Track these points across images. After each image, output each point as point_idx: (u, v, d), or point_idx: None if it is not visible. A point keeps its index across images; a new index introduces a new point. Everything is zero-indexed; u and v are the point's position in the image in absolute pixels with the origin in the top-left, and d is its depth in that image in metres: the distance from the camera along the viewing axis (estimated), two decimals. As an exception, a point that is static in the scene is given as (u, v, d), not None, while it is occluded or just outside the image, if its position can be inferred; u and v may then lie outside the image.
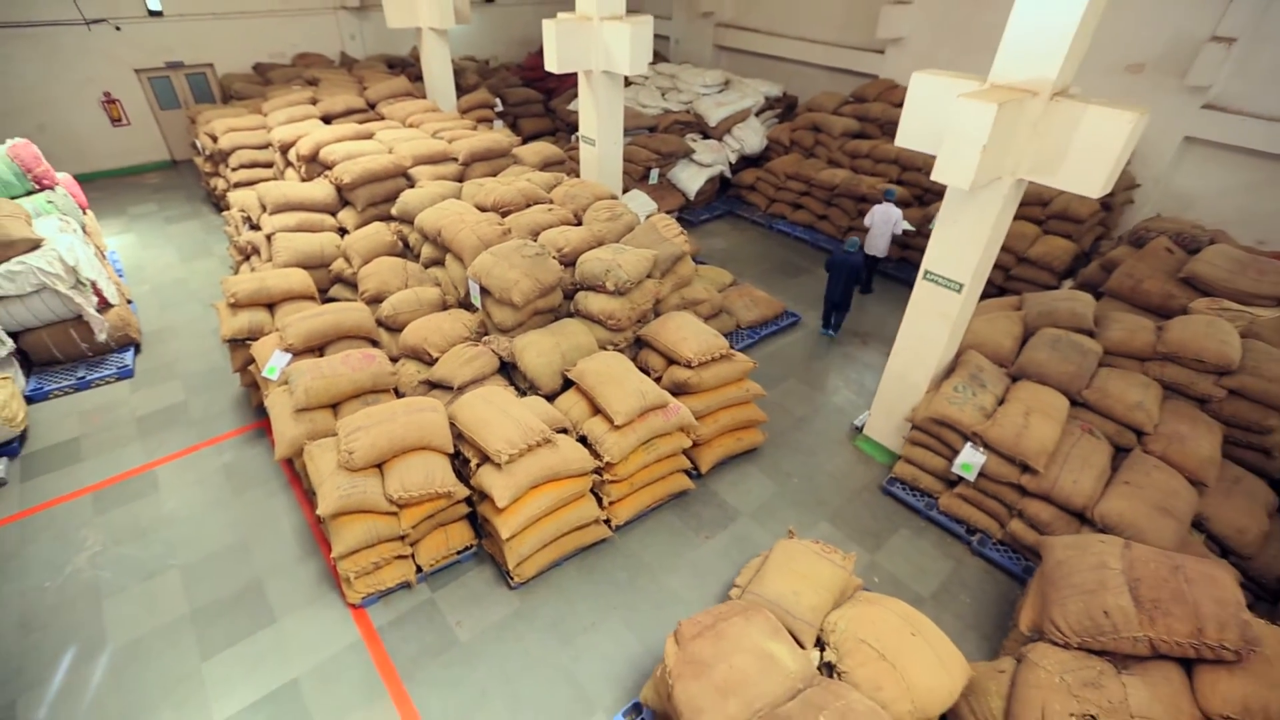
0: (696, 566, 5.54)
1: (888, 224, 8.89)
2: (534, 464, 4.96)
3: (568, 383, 6.08)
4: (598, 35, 8.05)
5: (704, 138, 12.75)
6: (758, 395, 6.46)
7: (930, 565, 5.61)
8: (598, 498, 5.64)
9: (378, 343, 6.70)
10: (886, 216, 8.86)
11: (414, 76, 13.32)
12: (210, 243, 10.63)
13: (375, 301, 7.16)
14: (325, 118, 10.35)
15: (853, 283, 8.21)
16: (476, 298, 6.66)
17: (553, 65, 8.00)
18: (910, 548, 5.76)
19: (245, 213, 8.97)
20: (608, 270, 6.37)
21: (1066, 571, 4.23)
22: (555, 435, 5.22)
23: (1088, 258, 9.43)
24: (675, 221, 7.84)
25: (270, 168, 10.19)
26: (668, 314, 6.63)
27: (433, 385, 6.20)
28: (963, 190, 4.90)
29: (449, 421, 5.30)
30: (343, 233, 8.45)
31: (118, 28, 12.03)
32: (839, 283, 8.19)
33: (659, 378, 6.32)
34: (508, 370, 6.42)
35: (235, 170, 10.03)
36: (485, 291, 6.46)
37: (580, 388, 5.81)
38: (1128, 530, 4.77)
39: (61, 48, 11.67)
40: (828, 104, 12.32)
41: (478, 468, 5.12)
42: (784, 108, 13.82)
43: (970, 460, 5.52)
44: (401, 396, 6.10)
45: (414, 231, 7.81)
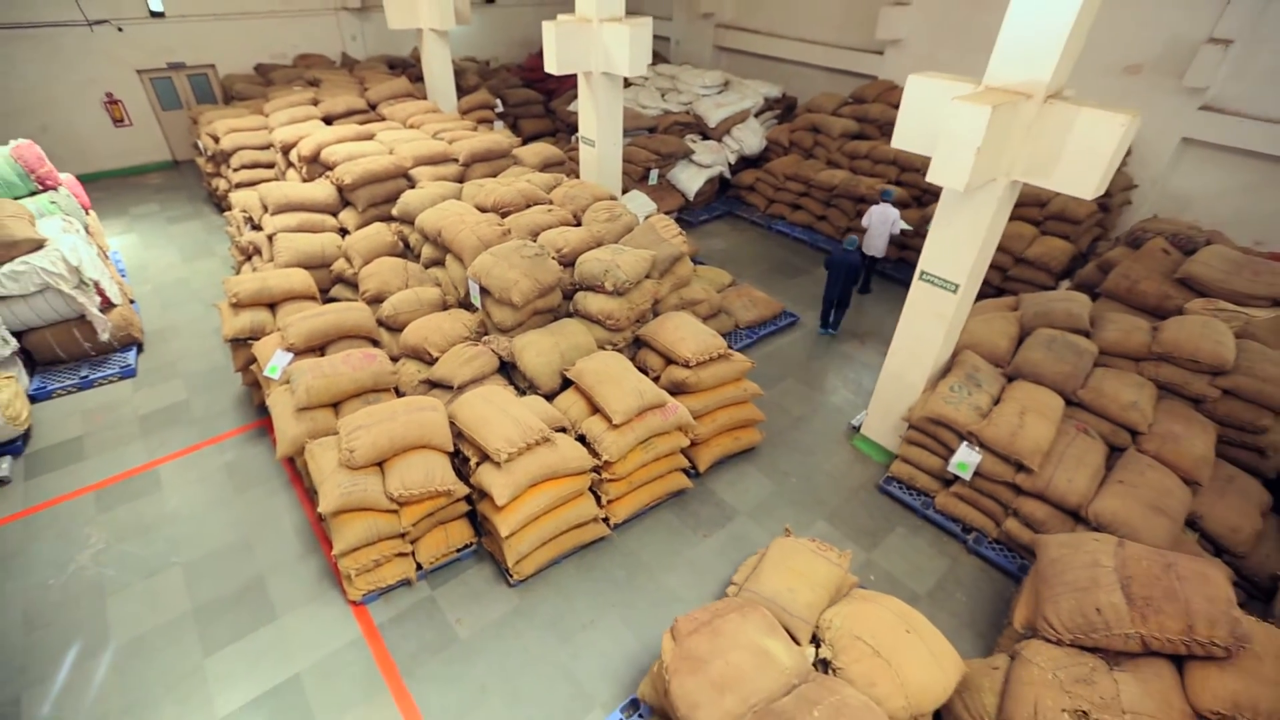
0: (694, 565, 5.58)
1: (885, 224, 8.92)
2: (533, 462, 5.01)
3: (567, 382, 6.12)
4: (597, 37, 8.08)
5: (703, 138, 12.78)
6: (755, 395, 6.50)
7: (926, 563, 5.64)
8: (596, 496, 5.68)
9: (378, 342, 6.74)
10: (884, 217, 8.90)
11: (415, 77, 13.35)
12: (212, 243, 10.68)
13: (376, 301, 7.20)
14: (326, 118, 10.39)
15: (852, 281, 8.28)
16: (476, 298, 6.70)
17: (552, 67, 8.05)
18: (907, 546, 5.80)
19: (247, 213, 9.02)
20: (606, 271, 6.42)
21: (1060, 569, 4.27)
22: (554, 434, 5.26)
23: (1085, 258, 9.46)
24: (674, 222, 7.89)
25: (272, 168, 10.22)
26: (666, 314, 6.67)
27: (433, 384, 6.24)
28: (958, 192, 4.94)
29: (449, 420, 5.34)
30: (344, 233, 8.50)
31: (120, 29, 12.07)
32: (838, 281, 8.24)
33: (657, 377, 6.36)
34: (507, 370, 6.46)
35: (237, 171, 10.07)
36: (485, 291, 6.51)
37: (579, 387, 5.86)
38: (1122, 529, 4.80)
39: (64, 48, 11.72)
40: (827, 105, 12.35)
41: (477, 466, 5.17)
42: (783, 109, 13.85)
43: (966, 459, 5.56)
44: (402, 396, 6.14)
45: (414, 232, 7.85)
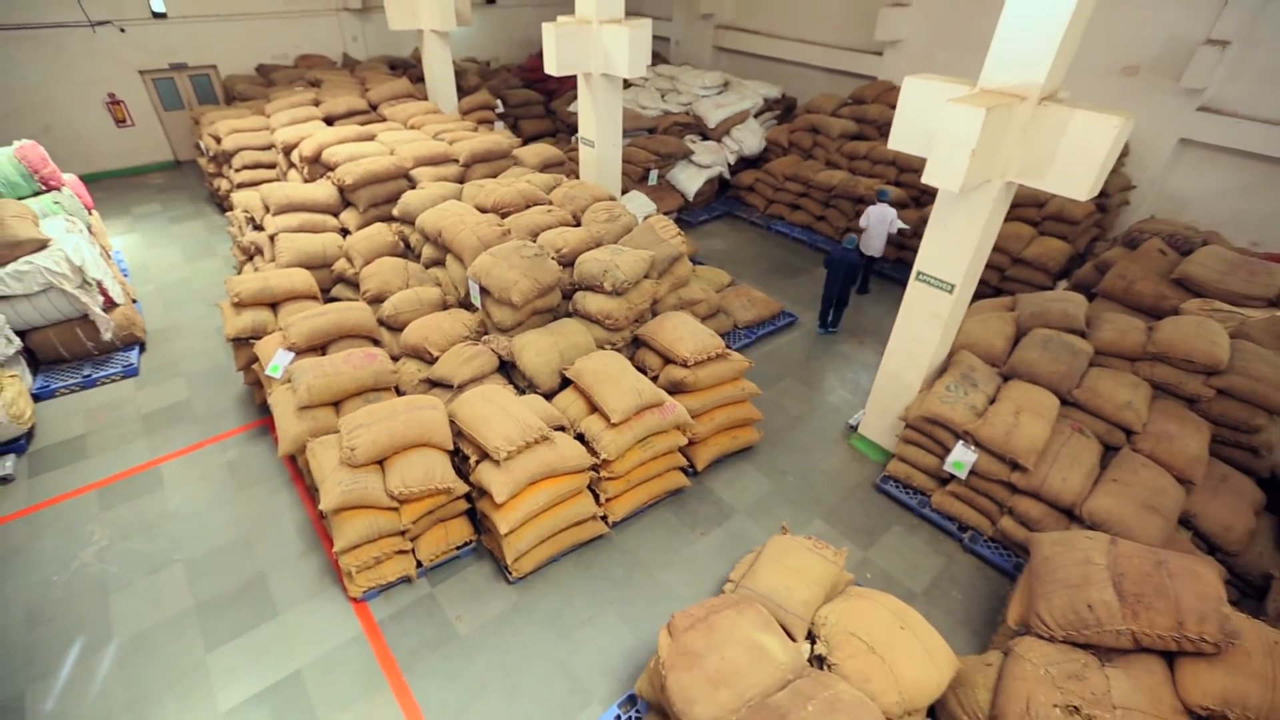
0: (692, 562, 5.62)
1: (883, 224, 8.97)
2: (532, 461, 5.05)
3: (566, 381, 6.17)
4: (597, 38, 8.12)
5: (703, 139, 12.81)
6: (753, 394, 6.54)
7: (922, 562, 5.69)
8: (595, 495, 5.72)
9: (379, 342, 6.78)
10: (882, 217, 8.94)
11: (415, 78, 13.40)
12: (214, 243, 10.74)
13: (377, 301, 7.25)
14: (328, 119, 10.43)
15: (851, 279, 8.34)
16: (476, 298, 6.75)
17: (552, 68, 8.09)
18: (903, 544, 5.84)
19: (249, 213, 9.07)
20: (605, 271, 6.46)
21: (1052, 567, 4.31)
22: (553, 433, 5.31)
23: (1083, 259, 9.49)
24: (673, 223, 7.92)
25: (273, 169, 10.27)
26: (665, 314, 6.71)
27: (433, 383, 6.29)
28: (953, 193, 4.99)
29: (449, 419, 5.39)
30: (345, 233, 8.54)
31: (122, 29, 12.13)
32: (838, 279, 8.31)
33: (656, 377, 6.40)
34: (507, 369, 6.51)
35: (239, 171, 10.11)
36: (485, 291, 6.55)
37: (578, 386, 5.90)
38: (1115, 527, 4.85)
39: (66, 49, 11.78)
40: (826, 105, 12.38)
41: (477, 464, 5.21)
42: (783, 109, 13.88)
43: (962, 458, 5.61)
44: (402, 395, 6.19)
45: (415, 232, 7.90)
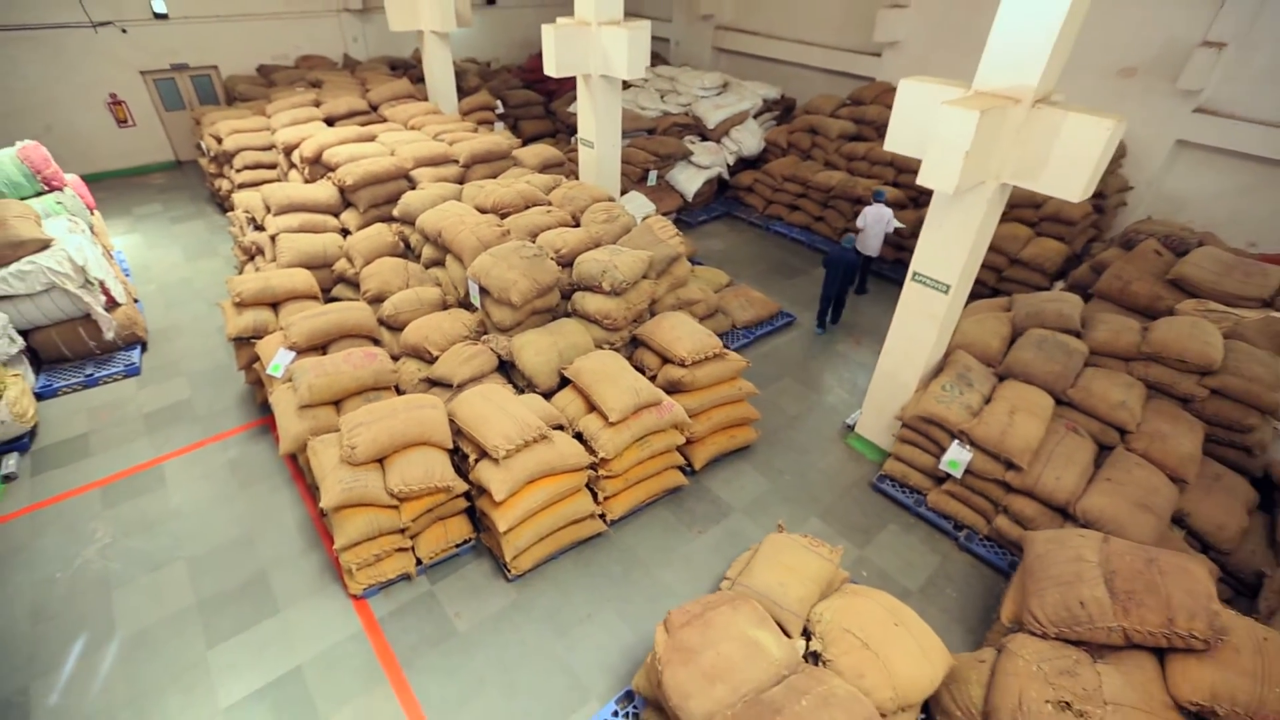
0: (689, 560, 5.67)
1: (880, 224, 9.02)
2: (531, 459, 5.09)
3: (565, 381, 6.21)
4: (596, 40, 8.16)
5: (702, 140, 12.86)
6: (751, 393, 6.58)
7: (918, 560, 5.73)
8: (593, 493, 5.77)
9: (379, 341, 6.83)
10: (879, 217, 8.99)
11: (416, 79, 13.45)
12: (215, 243, 10.79)
13: (377, 301, 7.30)
14: (328, 120, 10.47)
15: (849, 278, 8.42)
16: (476, 298, 6.80)
17: (551, 70, 8.13)
18: (899, 543, 5.89)
19: (250, 213, 9.12)
20: (604, 271, 6.51)
21: (1045, 564, 4.36)
22: (552, 431, 5.35)
23: (1079, 259, 9.53)
24: (671, 223, 7.97)
25: (274, 169, 10.31)
26: (663, 314, 6.76)
27: (433, 383, 6.34)
28: (948, 194, 5.03)
29: (448, 418, 5.44)
30: (345, 234, 8.59)
31: (123, 30, 12.18)
32: (836, 278, 8.38)
33: (654, 376, 6.44)
34: (506, 368, 6.55)
35: (240, 171, 10.16)
36: (484, 291, 6.60)
37: (576, 385, 5.94)
38: (1109, 525, 4.89)
39: (68, 50, 11.83)
40: (825, 106, 12.42)
41: (476, 463, 5.26)
42: (782, 110, 13.93)
43: (957, 457, 5.65)
44: (402, 394, 6.23)
45: (415, 233, 7.95)
